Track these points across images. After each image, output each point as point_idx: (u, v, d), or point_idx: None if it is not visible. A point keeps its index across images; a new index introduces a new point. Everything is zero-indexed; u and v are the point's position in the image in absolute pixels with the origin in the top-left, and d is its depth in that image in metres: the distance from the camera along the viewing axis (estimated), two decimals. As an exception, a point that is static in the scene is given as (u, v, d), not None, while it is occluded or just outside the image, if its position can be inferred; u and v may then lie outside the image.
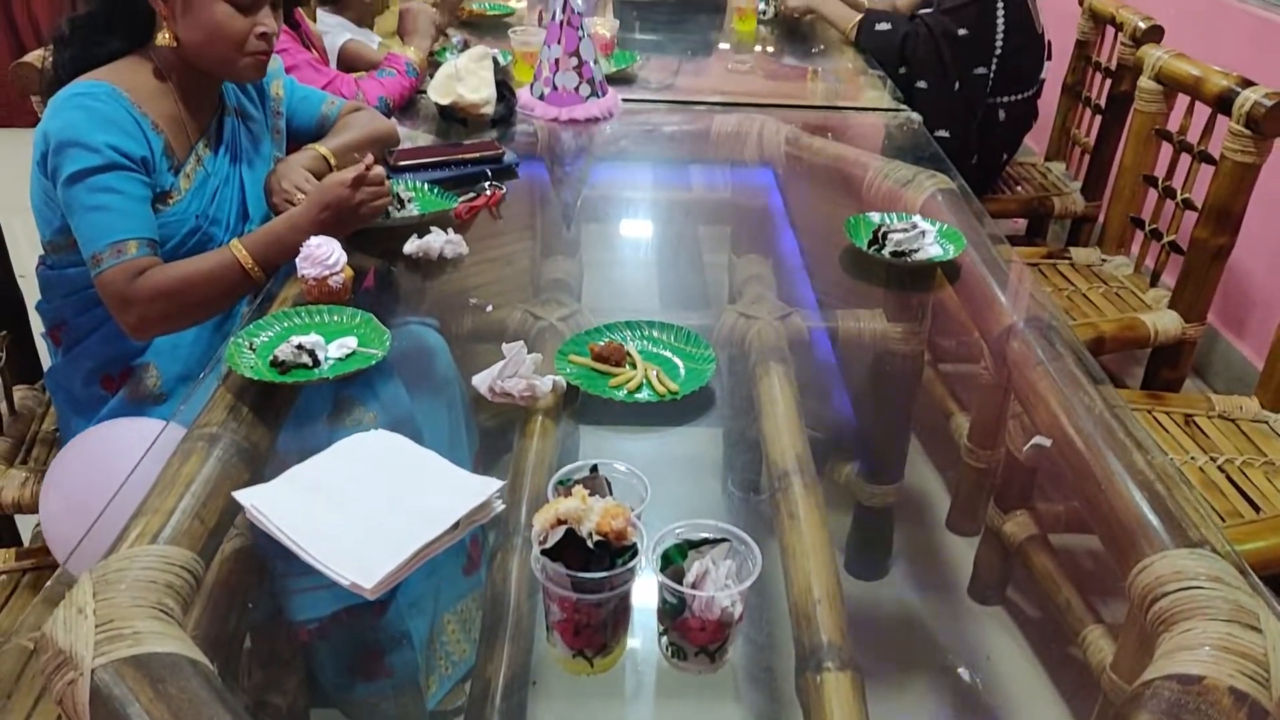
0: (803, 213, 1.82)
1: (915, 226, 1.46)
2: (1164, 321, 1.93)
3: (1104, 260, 2.19)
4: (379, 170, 1.42)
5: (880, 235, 1.45)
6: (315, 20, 2.14)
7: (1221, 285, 1.93)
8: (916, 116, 2.04)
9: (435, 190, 1.60)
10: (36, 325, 1.59)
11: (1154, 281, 2.07)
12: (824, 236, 1.66)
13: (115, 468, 1.06)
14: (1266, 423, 1.68)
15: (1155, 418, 1.70)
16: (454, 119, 1.89)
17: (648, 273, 1.64)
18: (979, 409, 1.32)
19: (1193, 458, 1.59)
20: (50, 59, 1.43)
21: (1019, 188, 2.65)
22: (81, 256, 1.34)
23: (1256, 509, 1.48)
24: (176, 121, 1.43)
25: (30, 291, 1.60)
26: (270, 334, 1.19)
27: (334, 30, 2.22)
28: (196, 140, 1.47)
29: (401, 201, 1.53)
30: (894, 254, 1.43)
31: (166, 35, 1.37)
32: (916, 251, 1.43)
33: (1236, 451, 1.61)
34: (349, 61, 2.18)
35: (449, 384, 1.30)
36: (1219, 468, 1.57)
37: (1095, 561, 1.10)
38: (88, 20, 1.42)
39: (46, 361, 1.59)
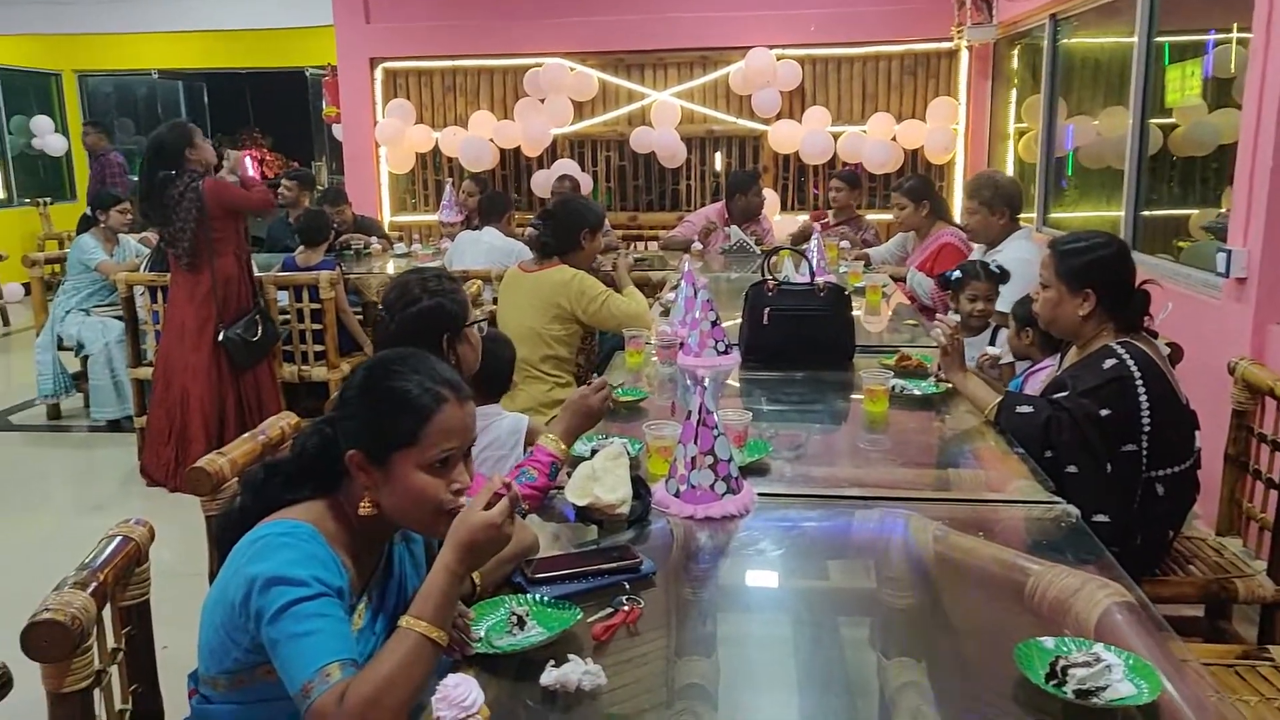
0: (958, 616, 1.69)
1: (1099, 659, 1.31)
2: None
3: (1312, 663, 1.94)
4: (494, 485, 1.40)
5: (1059, 669, 1.30)
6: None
7: None
8: (1074, 511, 1.93)
9: (556, 603, 1.54)
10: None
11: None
12: (984, 643, 1.52)
13: None
14: None
15: None
16: (591, 520, 1.88)
17: (788, 675, 1.51)
18: None
19: None
20: (239, 499, 1.50)
21: (1191, 566, 2.44)
22: (239, 698, 1.32)
23: None
24: (355, 562, 1.46)
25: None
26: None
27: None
28: (370, 580, 1.49)
29: (521, 620, 1.47)
30: (1078, 692, 1.27)
31: (368, 505, 1.42)
32: (1104, 689, 1.27)
33: None
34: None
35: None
36: None
37: None
38: (282, 472, 1.49)
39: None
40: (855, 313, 3.18)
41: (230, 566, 1.38)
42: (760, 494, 2.01)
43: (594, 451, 2.09)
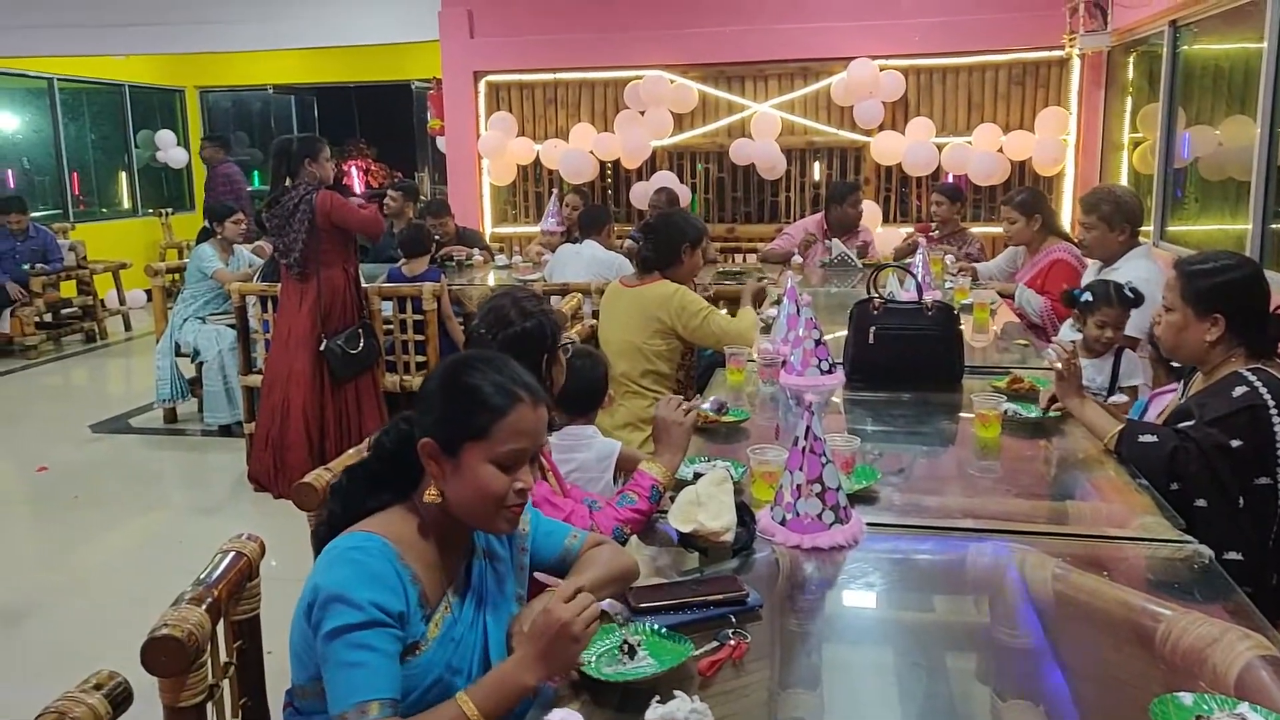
0: (1081, 661, 1.59)
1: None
2: None
3: None
4: (577, 581, 1.40)
5: (1200, 730, 1.22)
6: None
7: None
8: (1206, 552, 1.81)
9: (670, 635, 1.51)
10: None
11: None
12: (1110, 692, 1.43)
13: None
14: None
15: None
16: (694, 547, 1.84)
17: (895, 712, 1.45)
18: None
19: None
20: (326, 511, 1.52)
21: (1333, 612, 2.27)
22: (326, 706, 1.34)
23: None
24: (433, 569, 1.47)
25: None
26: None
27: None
28: (447, 587, 1.49)
29: (632, 649, 1.44)
30: (1222, 756, 1.19)
31: (434, 492, 1.44)
32: (1252, 754, 1.18)
33: None
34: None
35: None
36: None
37: None
38: (364, 473, 1.52)
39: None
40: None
41: (310, 576, 1.42)
42: (869, 524, 1.95)
43: (696, 475, 2.06)
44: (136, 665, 1.35)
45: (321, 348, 4.51)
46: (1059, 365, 2.47)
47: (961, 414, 2.81)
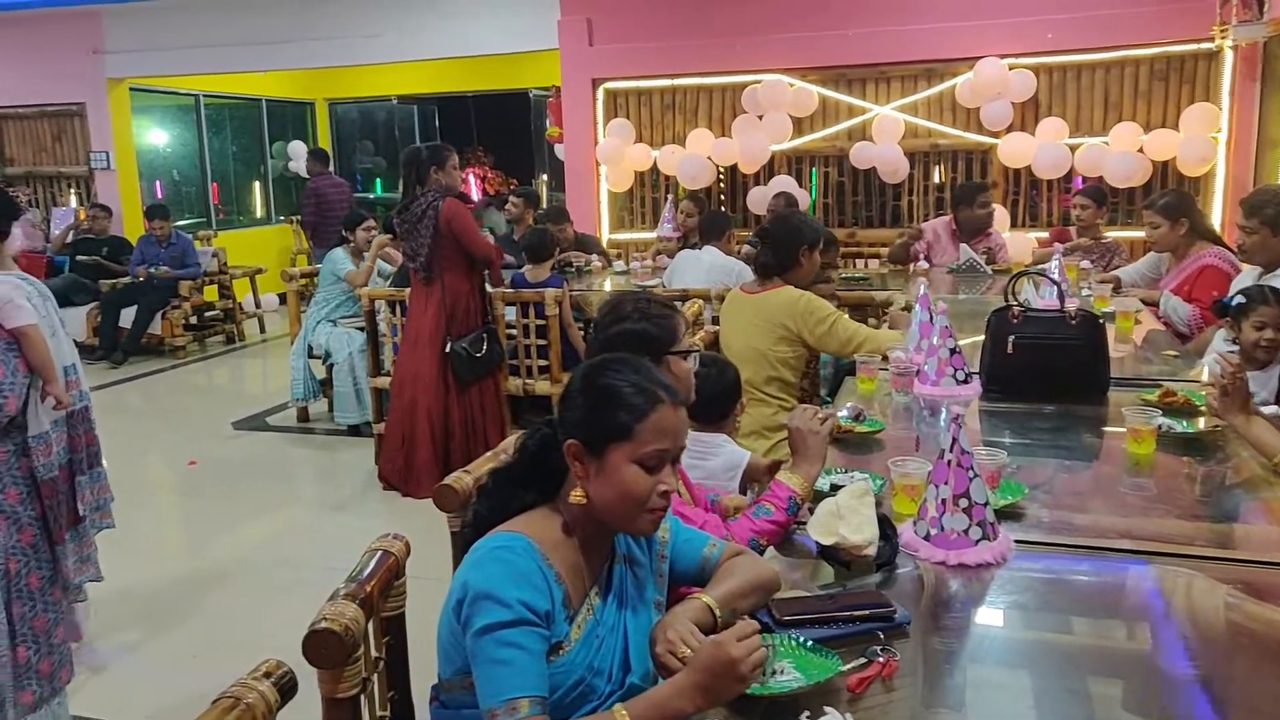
0: (1262, 699, 1.49)
1: None
2: None
3: None
4: (752, 624, 1.36)
5: None
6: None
7: None
8: (1398, 583, 1.68)
9: (815, 648, 1.48)
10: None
11: None
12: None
13: None
14: None
15: None
16: (835, 560, 1.81)
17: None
18: None
19: None
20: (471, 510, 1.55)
21: None
22: (471, 698, 1.37)
23: None
24: (576, 570, 1.48)
25: None
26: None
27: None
28: (590, 588, 1.50)
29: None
30: None
31: (579, 493, 1.45)
32: None
33: None
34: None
35: None
36: None
37: None
38: (508, 474, 1.55)
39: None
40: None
41: (456, 573, 1.45)
42: (1017, 541, 1.88)
43: (833, 487, 2.02)
44: (285, 653, 1.39)
45: (446, 350, 4.62)
46: (1223, 379, 2.32)
47: (1107, 427, 2.68)
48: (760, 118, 6.99)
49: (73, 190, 9.44)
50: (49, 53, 8.88)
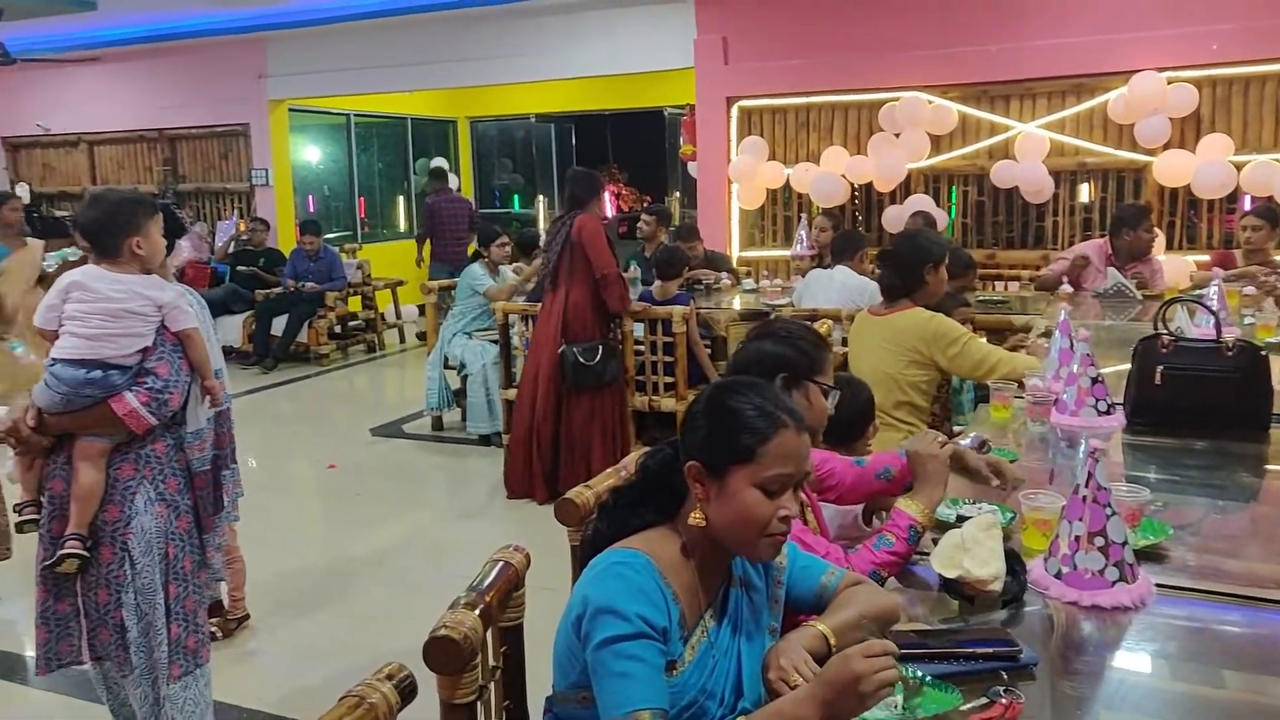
0: None
1: None
2: None
3: None
4: (887, 644, 1.31)
5: None
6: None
7: None
8: None
9: (935, 683, 1.44)
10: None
11: None
12: None
13: None
14: None
15: None
16: (958, 595, 1.74)
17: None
18: None
19: None
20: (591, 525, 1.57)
21: None
22: (585, 713, 1.39)
23: None
24: (692, 591, 1.48)
25: None
26: None
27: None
28: (705, 610, 1.49)
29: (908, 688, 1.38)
30: None
31: (699, 515, 1.45)
32: None
33: None
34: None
35: None
36: None
37: None
38: (629, 493, 1.56)
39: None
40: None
41: (575, 588, 1.47)
42: (1158, 585, 1.77)
43: (959, 518, 1.95)
44: (406, 656, 1.43)
45: (560, 350, 4.75)
46: None
47: (1269, 466, 2.50)
48: (897, 135, 6.86)
49: (235, 205, 10.07)
50: (219, 78, 9.52)
